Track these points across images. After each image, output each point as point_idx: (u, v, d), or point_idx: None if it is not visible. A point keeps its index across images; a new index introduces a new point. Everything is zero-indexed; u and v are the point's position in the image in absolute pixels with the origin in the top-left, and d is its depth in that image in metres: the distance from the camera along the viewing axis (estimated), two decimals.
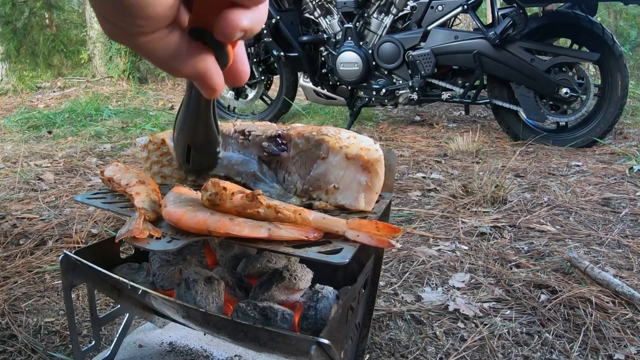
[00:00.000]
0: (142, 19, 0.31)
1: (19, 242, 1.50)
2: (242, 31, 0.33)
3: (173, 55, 0.34)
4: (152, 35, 0.33)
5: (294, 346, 0.61)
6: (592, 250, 1.48)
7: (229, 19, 0.33)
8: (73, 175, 2.21)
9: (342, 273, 0.85)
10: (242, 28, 0.33)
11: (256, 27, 0.34)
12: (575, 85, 2.65)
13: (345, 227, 0.60)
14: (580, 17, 2.63)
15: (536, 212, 1.76)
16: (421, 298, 1.22)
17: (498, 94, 2.87)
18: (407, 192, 2.02)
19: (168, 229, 0.64)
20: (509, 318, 1.12)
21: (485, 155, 2.59)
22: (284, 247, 0.59)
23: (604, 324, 1.08)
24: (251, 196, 0.61)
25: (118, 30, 0.32)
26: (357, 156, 0.68)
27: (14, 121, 3.36)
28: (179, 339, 0.97)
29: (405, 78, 3.03)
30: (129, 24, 0.31)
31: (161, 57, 0.34)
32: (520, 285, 1.25)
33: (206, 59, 0.36)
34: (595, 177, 2.19)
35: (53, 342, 1.03)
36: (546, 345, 1.03)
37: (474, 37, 2.78)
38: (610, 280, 1.22)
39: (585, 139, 2.75)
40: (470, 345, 1.03)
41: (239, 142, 0.78)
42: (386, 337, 1.06)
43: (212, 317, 0.66)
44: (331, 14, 3.16)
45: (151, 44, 0.33)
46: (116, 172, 0.75)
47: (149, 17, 0.31)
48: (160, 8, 0.31)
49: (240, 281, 0.82)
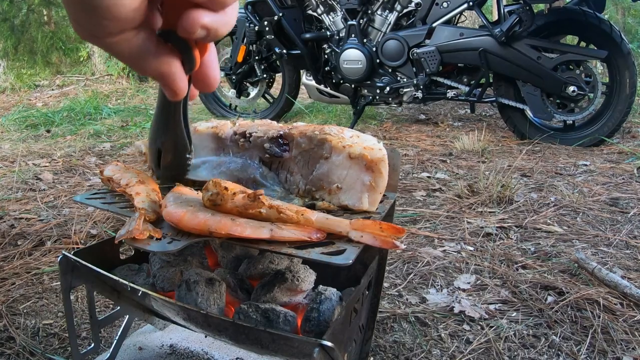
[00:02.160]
0: (108, 20, 0.33)
1: (17, 243, 1.49)
2: (204, 29, 0.35)
3: (140, 55, 0.36)
4: (119, 36, 0.34)
5: (297, 349, 0.61)
6: (599, 251, 1.46)
7: (190, 16, 0.34)
8: (72, 175, 2.20)
9: (345, 274, 0.84)
10: (203, 25, 0.34)
11: (221, 28, 0.36)
12: (583, 83, 2.62)
13: (349, 228, 0.60)
14: (587, 14, 2.60)
15: (543, 213, 1.75)
16: (426, 300, 1.21)
17: (504, 92, 2.84)
18: (411, 192, 2.01)
19: (168, 230, 0.63)
20: (515, 320, 1.11)
21: (491, 155, 2.58)
22: (286, 248, 0.58)
23: (612, 326, 1.07)
24: (253, 196, 0.61)
25: (87, 30, 0.34)
26: (360, 156, 0.68)
27: (12, 120, 3.34)
28: (179, 342, 0.96)
29: (410, 76, 3.01)
30: (96, 25, 0.33)
31: (127, 56, 0.36)
32: (527, 287, 1.24)
33: (172, 61, 0.38)
34: (603, 177, 2.18)
35: (52, 344, 1.03)
36: (553, 347, 1.02)
37: (479, 35, 2.76)
38: (618, 282, 1.20)
39: (593, 138, 2.72)
40: (476, 348, 1.02)
41: (238, 144, 0.77)
42: (390, 340, 1.05)
43: (213, 319, 0.65)
44: (334, 11, 3.14)
45: (118, 44, 0.35)
46: (116, 171, 0.74)
47: (114, 18, 0.33)
48: (124, 10, 0.33)
49: (242, 282, 0.81)
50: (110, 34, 0.34)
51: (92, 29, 0.33)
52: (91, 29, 0.34)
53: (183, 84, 0.39)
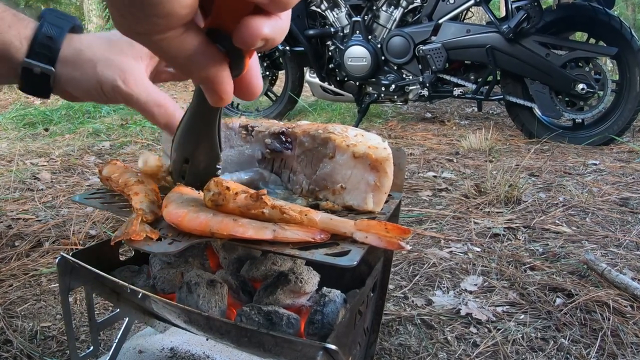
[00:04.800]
0: (158, 16, 0.30)
1: (14, 244, 1.48)
2: (263, 40, 0.33)
3: (186, 56, 0.34)
4: (167, 33, 0.32)
5: (300, 352, 0.60)
6: (609, 252, 1.44)
7: (250, 26, 0.32)
8: (70, 175, 2.18)
9: (350, 276, 0.83)
10: (264, 36, 0.32)
11: (278, 37, 0.34)
12: (592, 80, 2.59)
13: (353, 229, 0.58)
14: (597, 10, 2.57)
15: (551, 213, 1.73)
16: (432, 302, 1.19)
17: (512, 90, 2.82)
18: (417, 191, 1.99)
19: (169, 231, 0.62)
20: (523, 323, 1.10)
21: (498, 154, 2.56)
22: (289, 249, 0.57)
23: (622, 329, 1.05)
24: (255, 196, 0.59)
25: (132, 26, 0.31)
26: (365, 155, 0.66)
27: (9, 118, 3.31)
28: (180, 345, 0.95)
29: (416, 73, 2.98)
30: (144, 20, 0.30)
31: (174, 56, 0.34)
32: (535, 289, 1.23)
33: (219, 64, 0.35)
34: (613, 176, 2.15)
35: (50, 347, 1.02)
36: (562, 351, 1.00)
37: (486, 31, 2.73)
38: (628, 283, 1.18)
39: (603, 137, 2.69)
40: (483, 351, 1.00)
41: (241, 136, 0.76)
42: (396, 343, 1.04)
43: (214, 322, 0.64)
44: (339, 7, 3.12)
45: (165, 42, 0.32)
46: (114, 171, 0.73)
47: (165, 15, 0.30)
48: (178, 5, 0.30)
49: (244, 284, 0.80)
50: (159, 31, 0.31)
51: (139, 26, 0.31)
52: (138, 25, 0.31)
53: (230, 88, 0.36)
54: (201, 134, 0.46)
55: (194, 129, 0.46)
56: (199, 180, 0.51)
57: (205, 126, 0.45)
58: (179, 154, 0.48)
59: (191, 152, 0.48)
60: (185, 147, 0.48)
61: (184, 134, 0.47)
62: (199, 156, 0.48)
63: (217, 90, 0.36)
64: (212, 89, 0.36)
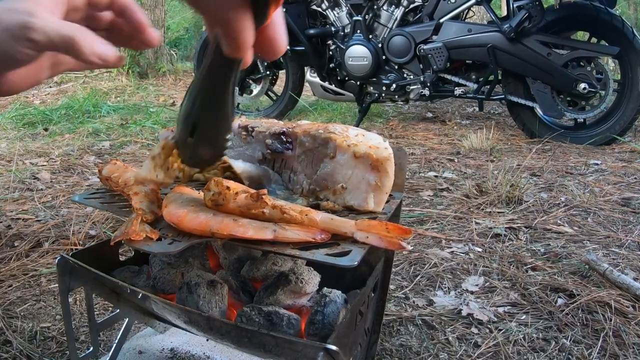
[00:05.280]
0: None
1: (14, 244, 1.47)
2: None
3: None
4: None
5: (301, 352, 0.59)
6: (611, 252, 1.44)
7: None
8: (70, 174, 2.18)
9: (350, 276, 0.83)
10: None
11: None
12: (594, 80, 2.58)
13: (354, 229, 0.58)
14: (599, 9, 2.56)
15: (553, 213, 1.72)
16: (433, 302, 1.19)
17: (513, 89, 2.81)
18: (418, 191, 1.98)
19: (169, 231, 0.62)
20: (524, 323, 1.09)
21: (499, 154, 2.55)
22: (290, 249, 0.57)
23: (624, 330, 1.05)
24: (256, 196, 0.59)
25: None
26: (365, 155, 0.66)
27: (9, 118, 3.30)
28: (180, 345, 0.95)
29: (417, 73, 2.97)
30: None
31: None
32: (537, 289, 1.22)
33: (242, 9, 0.32)
34: (615, 176, 2.14)
35: (49, 348, 1.01)
36: (563, 351, 1.00)
37: (488, 30, 2.72)
38: (630, 284, 1.18)
39: (604, 137, 2.68)
40: (485, 352, 1.00)
41: (241, 137, 0.76)
42: (397, 343, 1.03)
43: (215, 322, 0.64)
44: (339, 6, 3.11)
45: None
46: (114, 170, 0.73)
47: None
48: None
49: (245, 285, 0.80)
50: None
51: None
52: None
53: (250, 37, 0.34)
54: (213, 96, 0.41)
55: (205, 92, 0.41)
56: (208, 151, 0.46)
57: (217, 88, 0.40)
58: (185, 120, 0.44)
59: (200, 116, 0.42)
60: (192, 114, 0.43)
61: (192, 98, 0.42)
62: (208, 122, 0.43)
63: (236, 38, 0.33)
64: (231, 36, 0.33)
